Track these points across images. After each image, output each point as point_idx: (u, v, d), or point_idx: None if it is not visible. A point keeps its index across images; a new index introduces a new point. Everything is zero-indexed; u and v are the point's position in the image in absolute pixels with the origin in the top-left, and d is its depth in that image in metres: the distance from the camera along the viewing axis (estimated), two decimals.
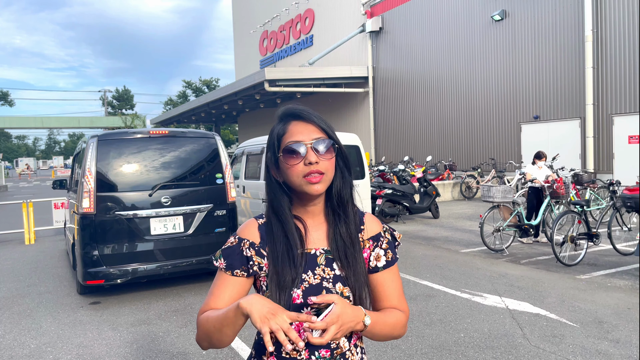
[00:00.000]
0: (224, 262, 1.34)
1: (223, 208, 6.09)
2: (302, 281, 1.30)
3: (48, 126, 55.99)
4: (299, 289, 1.29)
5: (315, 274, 1.31)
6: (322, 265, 1.33)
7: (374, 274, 1.39)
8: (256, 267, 1.32)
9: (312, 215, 1.37)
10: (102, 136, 5.81)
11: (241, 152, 9.60)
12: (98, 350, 4.24)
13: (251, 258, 1.33)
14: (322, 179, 1.28)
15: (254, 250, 1.33)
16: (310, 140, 1.28)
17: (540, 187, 7.99)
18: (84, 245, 5.47)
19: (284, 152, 1.29)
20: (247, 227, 1.38)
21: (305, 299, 1.27)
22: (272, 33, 31.98)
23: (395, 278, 1.41)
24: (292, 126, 1.31)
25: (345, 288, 1.31)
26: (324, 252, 1.34)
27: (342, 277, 1.32)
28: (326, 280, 1.31)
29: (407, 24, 21.39)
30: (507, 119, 17.12)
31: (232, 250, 1.34)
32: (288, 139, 1.29)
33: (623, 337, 4.13)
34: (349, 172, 1.38)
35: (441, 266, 6.83)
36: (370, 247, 1.39)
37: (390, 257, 1.40)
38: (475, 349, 3.98)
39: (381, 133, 23.37)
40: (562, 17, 15.04)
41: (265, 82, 21.17)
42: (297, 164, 1.27)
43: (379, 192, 10.79)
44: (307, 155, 1.26)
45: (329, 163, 1.29)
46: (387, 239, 1.41)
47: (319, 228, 1.37)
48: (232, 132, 54.98)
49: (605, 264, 6.69)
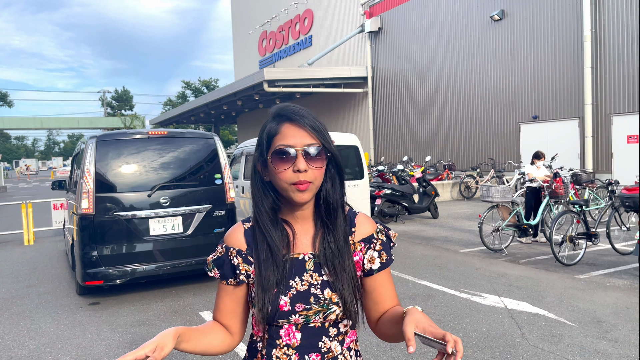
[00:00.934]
0: (218, 272, 1.33)
1: (222, 208, 6.10)
2: (289, 288, 1.26)
3: (47, 127, 55.96)
4: (286, 295, 1.25)
5: (302, 280, 1.28)
6: (310, 270, 1.29)
7: (369, 277, 1.35)
8: (243, 276, 1.30)
9: (300, 220, 1.33)
10: (101, 137, 5.81)
11: (240, 152, 9.61)
12: (97, 350, 4.24)
13: (238, 267, 1.30)
14: (309, 187, 1.23)
15: (241, 257, 1.31)
16: (302, 145, 1.22)
17: (538, 187, 7.99)
18: (83, 246, 5.47)
19: (273, 154, 1.24)
20: (233, 233, 1.35)
21: (292, 306, 1.25)
22: (271, 33, 31.98)
23: (390, 278, 1.38)
24: (285, 128, 1.25)
25: (334, 294, 1.27)
26: (312, 256, 1.30)
27: (331, 282, 1.28)
28: (314, 286, 1.27)
29: (406, 24, 21.40)
30: (506, 119, 17.14)
31: (221, 260, 1.32)
32: (279, 141, 1.24)
33: (622, 337, 4.14)
34: (341, 180, 1.33)
35: (440, 266, 6.84)
36: (362, 249, 1.34)
37: (385, 259, 1.35)
38: (474, 349, 3.98)
39: (380, 133, 23.38)
40: (560, 17, 15.06)
41: (264, 83, 21.17)
42: (286, 169, 1.22)
43: (378, 192, 10.80)
44: (297, 162, 1.21)
45: (318, 172, 1.24)
46: (381, 240, 1.36)
47: (307, 232, 1.33)
48: (231, 133, 54.99)
49: (604, 263, 6.70)
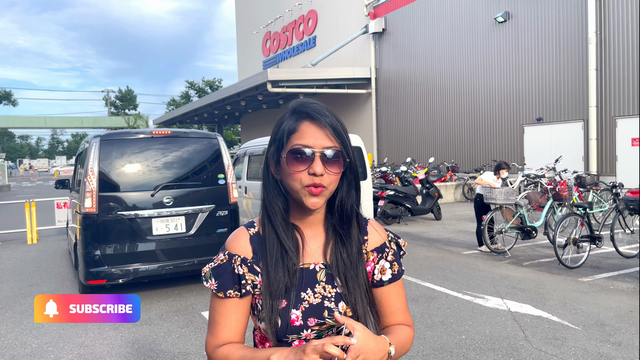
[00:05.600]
0: (215, 283, 1.20)
1: (225, 209, 6.09)
2: (301, 300, 1.17)
3: (51, 126, 56.26)
4: (297, 309, 1.17)
5: (315, 292, 1.19)
6: (323, 282, 1.21)
7: (378, 288, 1.27)
8: (249, 287, 1.19)
9: (310, 225, 1.24)
10: (105, 136, 5.81)
11: (243, 152, 9.62)
12: (99, 350, 4.24)
13: (244, 276, 1.19)
14: (323, 192, 1.15)
15: (246, 267, 1.20)
16: (320, 147, 1.14)
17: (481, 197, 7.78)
18: (86, 245, 5.48)
19: (289, 153, 1.15)
20: (236, 239, 1.24)
21: (305, 320, 1.16)
22: (275, 34, 32.00)
23: (400, 292, 1.30)
24: (304, 126, 1.16)
25: (349, 307, 1.20)
26: (323, 267, 1.22)
27: (345, 294, 1.20)
28: (328, 299, 1.19)
29: (410, 26, 21.38)
30: (509, 121, 17.09)
31: (223, 268, 1.21)
32: (297, 139, 1.15)
33: (625, 340, 4.11)
34: (357, 187, 1.24)
35: (443, 268, 6.82)
36: (374, 259, 1.27)
37: (397, 270, 1.28)
38: (477, 351, 3.97)
39: (384, 134, 23.35)
40: (565, 19, 15.01)
41: (268, 83, 21.17)
42: (302, 171, 1.14)
43: (381, 193, 10.79)
44: (314, 164, 1.13)
45: (334, 177, 1.16)
46: (393, 249, 1.29)
47: (317, 239, 1.25)
48: (234, 133, 55.07)
49: (608, 266, 6.67)
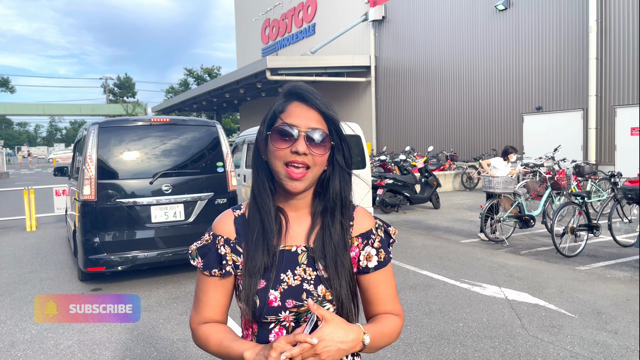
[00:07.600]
0: (201, 261, 1.23)
1: (224, 196, 6.10)
2: (280, 282, 1.17)
3: (49, 113, 56.14)
4: (276, 290, 1.17)
5: (295, 274, 1.19)
6: (304, 264, 1.20)
7: (364, 275, 1.26)
8: (230, 267, 1.21)
9: (295, 208, 1.24)
10: (103, 123, 5.80)
11: (242, 140, 9.60)
12: (99, 336, 4.27)
13: (225, 257, 1.21)
14: (306, 176, 1.15)
15: (229, 247, 1.22)
16: (306, 127, 1.14)
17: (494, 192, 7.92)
18: (85, 232, 5.48)
19: (274, 131, 1.16)
20: (221, 220, 1.26)
21: (283, 301, 1.16)
22: (274, 21, 31.78)
23: (388, 279, 1.28)
24: (292, 106, 1.17)
25: (328, 291, 1.18)
26: (305, 249, 1.21)
27: (325, 278, 1.19)
28: (307, 281, 1.18)
29: (410, 13, 21.24)
30: (509, 110, 17.05)
31: (207, 248, 1.23)
32: (284, 119, 1.16)
33: (621, 328, 4.15)
34: (347, 174, 1.24)
35: (441, 256, 6.85)
36: (359, 245, 1.25)
37: (383, 257, 1.26)
38: (474, 339, 4.00)
39: (383, 123, 23.31)
40: (566, 8, 14.92)
41: (267, 71, 21.08)
42: (284, 149, 1.14)
43: (379, 182, 10.80)
44: (297, 143, 1.13)
45: (319, 159, 1.15)
46: (380, 236, 1.27)
47: (302, 222, 1.24)
48: (233, 121, 54.89)
49: (605, 255, 6.70)
